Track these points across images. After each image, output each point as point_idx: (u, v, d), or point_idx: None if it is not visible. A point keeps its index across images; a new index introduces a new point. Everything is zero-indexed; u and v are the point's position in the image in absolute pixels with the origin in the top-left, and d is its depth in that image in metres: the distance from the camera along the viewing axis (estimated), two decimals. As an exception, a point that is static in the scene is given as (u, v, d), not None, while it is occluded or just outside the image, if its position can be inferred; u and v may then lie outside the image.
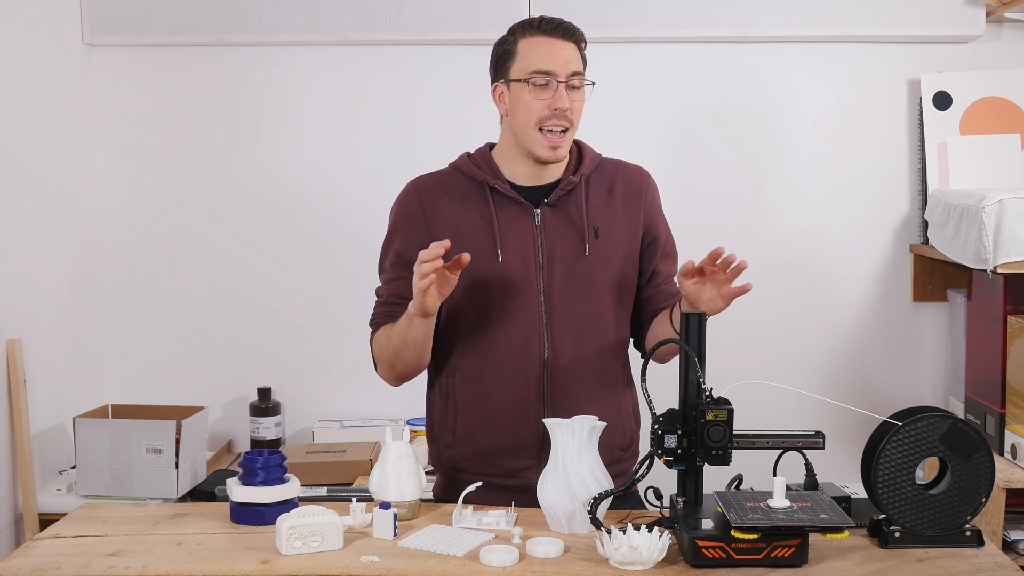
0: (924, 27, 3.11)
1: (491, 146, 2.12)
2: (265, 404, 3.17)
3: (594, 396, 2.02)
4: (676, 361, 1.86)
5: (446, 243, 1.84)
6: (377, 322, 2.11)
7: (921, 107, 3.15)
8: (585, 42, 2.03)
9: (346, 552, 1.72)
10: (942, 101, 3.13)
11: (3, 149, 2.75)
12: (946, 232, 2.89)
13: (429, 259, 1.83)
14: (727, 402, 1.72)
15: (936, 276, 3.20)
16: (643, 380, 1.78)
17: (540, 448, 1.99)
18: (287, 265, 3.26)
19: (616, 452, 2.05)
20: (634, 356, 2.14)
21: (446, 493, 2.11)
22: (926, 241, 3.11)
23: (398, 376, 2.08)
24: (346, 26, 3.13)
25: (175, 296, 3.26)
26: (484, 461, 2.04)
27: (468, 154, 2.11)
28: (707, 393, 1.72)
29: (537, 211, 2.02)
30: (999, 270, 2.60)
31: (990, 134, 3.10)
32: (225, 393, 3.28)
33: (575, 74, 1.97)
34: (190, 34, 3.14)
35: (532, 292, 2.01)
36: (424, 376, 2.15)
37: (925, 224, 3.12)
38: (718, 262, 1.84)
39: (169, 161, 3.24)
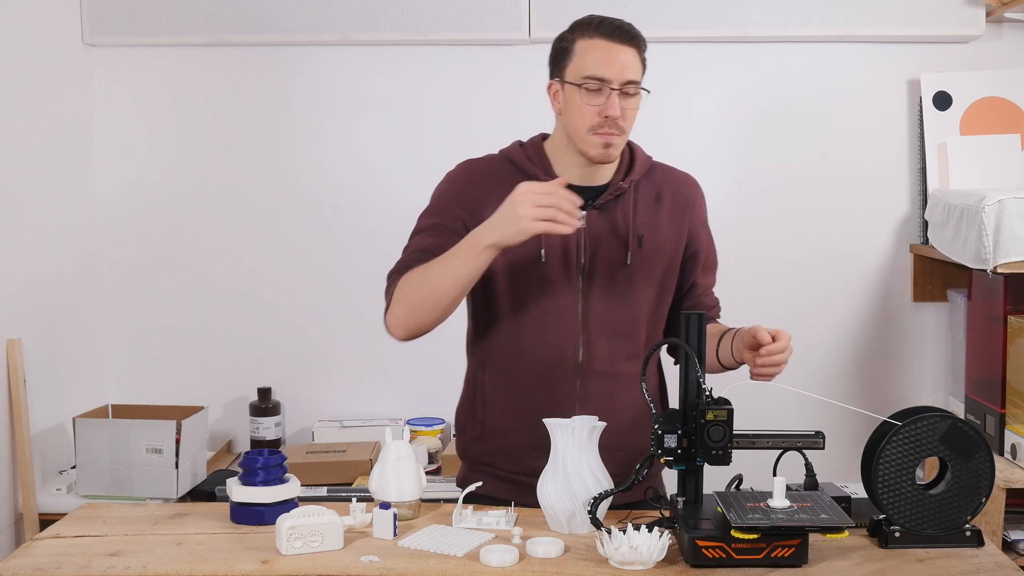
0: (924, 27, 3.11)
1: (544, 136, 2.07)
2: (265, 404, 3.17)
3: (626, 401, 2.00)
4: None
5: (579, 202, 1.82)
6: (405, 267, 1.98)
7: (921, 107, 3.15)
8: (646, 45, 1.97)
9: (346, 552, 1.72)
10: (942, 101, 3.13)
11: (3, 149, 2.75)
12: (946, 232, 2.89)
13: (571, 206, 1.78)
14: (727, 402, 1.72)
15: (936, 276, 3.19)
16: (643, 379, 1.78)
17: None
18: (287, 265, 3.26)
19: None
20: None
21: (469, 483, 2.07)
22: (926, 241, 3.11)
23: (416, 323, 1.95)
24: (346, 26, 3.13)
25: (175, 296, 3.27)
26: (509, 458, 2.03)
27: (520, 143, 2.06)
28: (707, 393, 1.72)
29: (583, 213, 1.96)
30: (999, 270, 2.60)
31: (990, 134, 3.10)
32: (225, 393, 3.28)
33: (630, 82, 1.91)
34: (190, 34, 3.14)
35: (571, 294, 1.98)
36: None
37: (925, 224, 3.12)
38: (761, 351, 1.86)
39: (169, 161, 3.24)
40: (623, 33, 1.93)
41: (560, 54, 1.98)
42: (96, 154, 3.23)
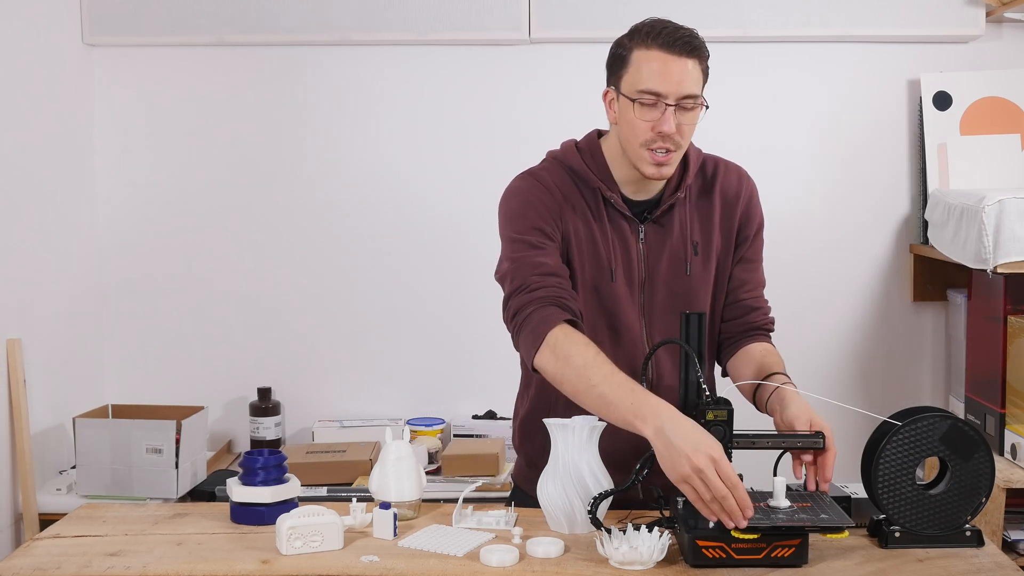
0: (924, 27, 3.11)
1: (599, 133, 1.98)
2: (265, 404, 3.17)
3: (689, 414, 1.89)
4: (675, 361, 1.86)
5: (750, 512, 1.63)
6: (523, 287, 1.82)
7: (921, 107, 3.15)
8: (708, 54, 1.85)
9: (346, 552, 1.72)
10: (942, 101, 3.13)
11: (3, 149, 2.75)
12: (946, 232, 2.89)
13: (727, 496, 1.60)
14: (727, 402, 1.72)
15: (936, 276, 3.19)
16: (643, 377, 1.78)
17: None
18: (287, 265, 3.26)
19: None
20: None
21: (524, 483, 2.04)
22: (926, 241, 3.11)
23: (552, 383, 1.81)
24: (346, 26, 3.13)
25: (175, 296, 3.26)
26: None
27: (577, 148, 1.96)
28: (707, 393, 1.72)
29: (642, 227, 1.93)
30: (999, 270, 2.60)
31: (990, 134, 3.10)
32: (225, 393, 3.28)
33: (687, 96, 1.81)
34: (190, 34, 3.14)
35: (635, 312, 1.93)
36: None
37: (925, 224, 3.12)
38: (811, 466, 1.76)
39: (169, 161, 3.24)
40: (683, 44, 1.81)
41: (616, 62, 1.87)
42: (96, 154, 3.23)
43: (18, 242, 2.80)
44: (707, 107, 1.87)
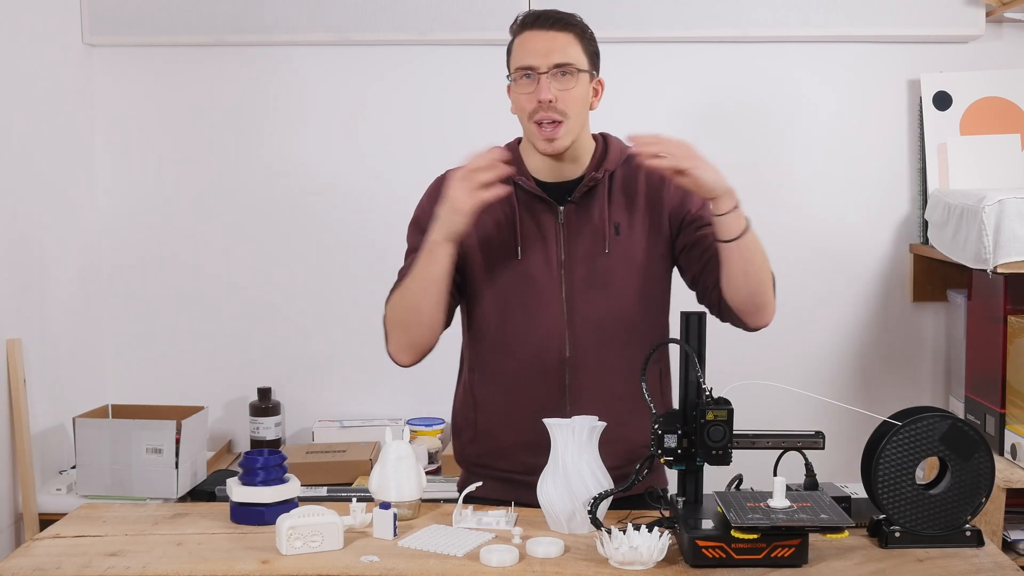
0: (924, 27, 3.11)
1: (520, 139, 2.10)
2: (265, 404, 3.17)
3: (618, 394, 1.99)
4: (675, 361, 1.86)
5: (507, 155, 1.91)
6: (391, 294, 2.04)
7: (921, 107, 3.15)
8: (581, 28, 1.98)
9: (346, 552, 1.72)
10: (942, 101, 3.13)
11: (3, 149, 2.75)
12: (946, 232, 2.89)
13: (489, 163, 1.86)
14: (727, 402, 1.72)
15: (936, 276, 3.19)
16: (643, 377, 1.78)
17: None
18: (287, 265, 3.26)
19: (640, 451, 1.93)
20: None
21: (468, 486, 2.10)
22: (926, 241, 3.11)
23: (412, 341, 1.99)
24: (346, 26, 3.13)
25: (175, 296, 3.27)
26: (503, 457, 2.03)
27: (507, 146, 2.10)
28: (707, 393, 1.72)
29: (561, 208, 2.00)
30: (999, 270, 2.60)
31: (990, 134, 3.10)
32: (225, 393, 3.28)
33: (559, 65, 1.93)
34: (190, 34, 3.14)
35: (553, 291, 2.00)
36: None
37: (925, 224, 3.12)
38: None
39: (169, 161, 3.24)
40: (546, 19, 1.96)
41: (507, 54, 2.02)
42: (96, 154, 3.23)
43: (18, 241, 2.80)
44: (594, 80, 2.00)
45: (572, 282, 2.00)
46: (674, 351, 1.92)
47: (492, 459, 2.05)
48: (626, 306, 2.01)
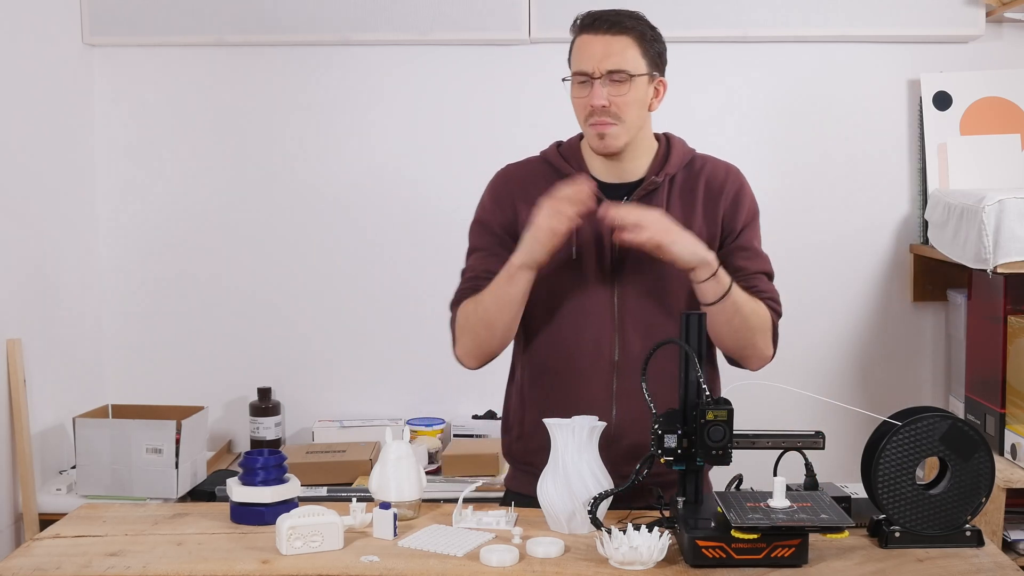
0: (924, 27, 3.11)
1: (582, 136, 2.08)
2: (265, 404, 3.17)
3: (664, 398, 1.91)
4: (675, 361, 1.86)
5: (593, 184, 1.90)
6: (461, 297, 2.03)
7: (921, 107, 3.15)
8: (641, 31, 1.96)
9: (346, 552, 1.72)
10: (942, 101, 3.13)
11: (3, 149, 2.75)
12: (946, 232, 2.89)
13: (577, 197, 1.84)
14: (727, 402, 1.72)
15: (936, 276, 3.19)
16: (643, 377, 1.78)
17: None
18: (287, 265, 3.26)
19: None
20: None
21: (514, 484, 2.10)
22: (926, 241, 3.11)
23: (483, 351, 2.01)
24: (346, 26, 3.13)
25: (175, 296, 3.26)
26: (547, 456, 1.98)
27: (559, 144, 2.09)
28: (707, 393, 1.72)
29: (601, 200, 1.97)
30: (999, 270, 2.60)
31: (990, 134, 3.10)
32: (225, 393, 3.28)
33: (612, 71, 1.91)
34: (190, 34, 3.14)
35: (606, 293, 1.98)
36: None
37: (925, 224, 3.12)
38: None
39: (169, 161, 3.24)
40: (602, 23, 1.94)
41: (568, 56, 2.01)
42: (96, 154, 3.23)
43: (18, 242, 2.80)
44: (655, 80, 1.99)
45: (624, 285, 1.98)
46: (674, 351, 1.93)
47: (536, 456, 2.01)
48: (677, 312, 1.95)
